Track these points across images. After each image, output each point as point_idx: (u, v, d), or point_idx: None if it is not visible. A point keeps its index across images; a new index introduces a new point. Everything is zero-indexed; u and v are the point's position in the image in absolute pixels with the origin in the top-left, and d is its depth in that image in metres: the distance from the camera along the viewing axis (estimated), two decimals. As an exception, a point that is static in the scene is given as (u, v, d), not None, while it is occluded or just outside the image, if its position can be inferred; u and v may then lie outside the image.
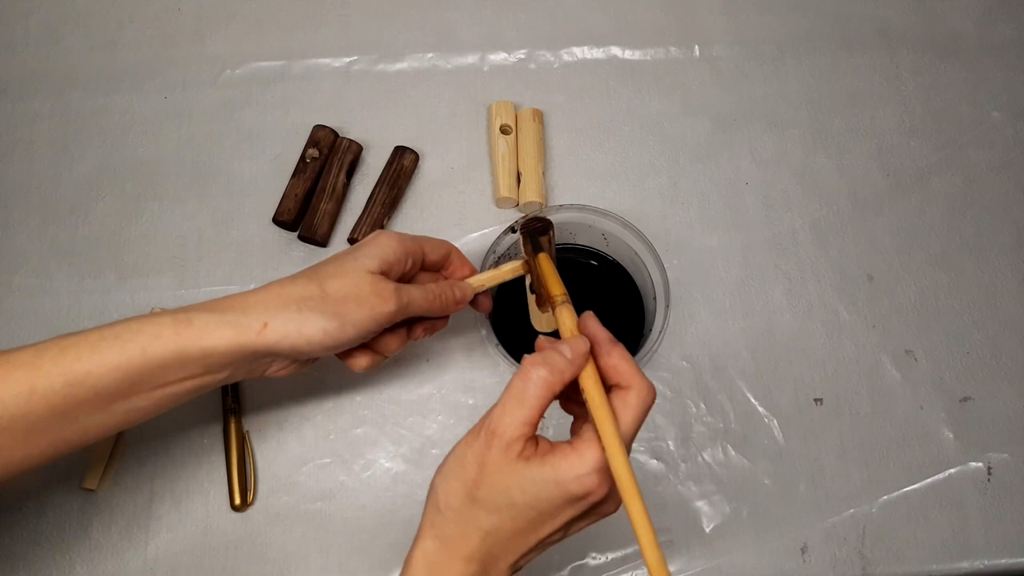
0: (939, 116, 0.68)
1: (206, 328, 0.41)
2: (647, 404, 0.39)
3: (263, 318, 0.42)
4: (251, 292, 0.43)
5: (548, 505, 0.37)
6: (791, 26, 0.71)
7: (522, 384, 0.38)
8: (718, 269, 0.62)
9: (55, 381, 0.38)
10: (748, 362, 0.59)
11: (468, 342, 0.59)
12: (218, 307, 0.42)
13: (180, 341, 0.41)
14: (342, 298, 0.43)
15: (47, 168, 0.63)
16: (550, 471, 0.37)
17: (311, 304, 0.43)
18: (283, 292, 0.43)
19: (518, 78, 0.68)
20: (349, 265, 0.45)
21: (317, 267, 0.45)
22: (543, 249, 0.49)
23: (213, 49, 0.68)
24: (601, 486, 0.37)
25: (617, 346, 0.40)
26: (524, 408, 0.37)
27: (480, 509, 0.38)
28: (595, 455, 0.37)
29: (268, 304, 0.42)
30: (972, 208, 0.65)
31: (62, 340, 0.40)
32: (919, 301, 0.61)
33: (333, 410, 0.57)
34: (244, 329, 0.41)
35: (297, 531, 0.54)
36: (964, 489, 0.56)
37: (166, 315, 0.41)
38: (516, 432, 0.37)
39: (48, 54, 0.67)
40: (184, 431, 0.56)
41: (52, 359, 0.39)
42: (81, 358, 0.39)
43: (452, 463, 0.39)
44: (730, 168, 0.65)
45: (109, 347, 0.39)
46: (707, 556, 0.54)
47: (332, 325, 0.43)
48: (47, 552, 0.52)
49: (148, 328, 0.40)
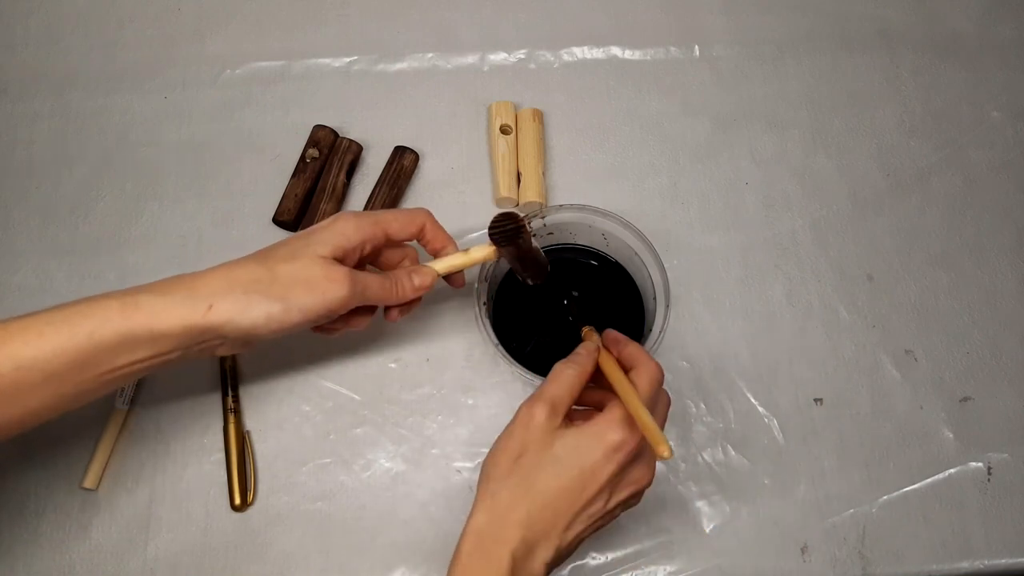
0: (939, 116, 0.68)
1: (153, 311, 0.41)
2: (654, 375, 0.44)
3: (208, 300, 0.42)
4: (200, 273, 0.43)
5: (589, 459, 0.41)
6: (791, 26, 0.71)
7: (558, 375, 0.44)
8: (718, 269, 0.62)
9: (3, 365, 0.38)
10: (748, 362, 0.59)
11: (468, 342, 0.59)
12: (166, 288, 0.42)
13: (128, 324, 0.41)
14: (290, 282, 0.44)
15: (47, 168, 0.63)
16: (587, 428, 0.42)
17: (258, 287, 0.43)
18: (231, 275, 0.43)
19: (518, 78, 0.68)
20: (301, 250, 0.45)
21: (269, 250, 0.45)
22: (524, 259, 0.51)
23: (213, 49, 0.68)
24: (632, 436, 0.41)
25: (631, 342, 0.47)
26: (560, 389, 0.43)
27: (527, 471, 0.41)
28: (618, 410, 0.42)
29: (215, 286, 0.43)
30: (972, 208, 0.65)
31: (9, 324, 0.39)
32: (919, 301, 0.61)
33: (333, 410, 0.57)
34: (190, 311, 0.42)
35: (297, 531, 0.54)
36: (964, 489, 0.56)
37: (113, 298, 0.41)
38: (555, 407, 0.42)
39: (48, 54, 0.67)
40: (184, 431, 0.56)
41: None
42: (28, 343, 0.39)
43: (498, 445, 0.43)
44: (730, 168, 0.65)
45: (56, 332, 0.39)
46: (707, 556, 0.54)
47: (276, 309, 0.43)
48: (47, 552, 0.52)
49: (96, 312, 0.40)
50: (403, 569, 0.53)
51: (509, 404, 0.57)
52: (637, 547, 0.54)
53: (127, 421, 0.56)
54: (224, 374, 0.56)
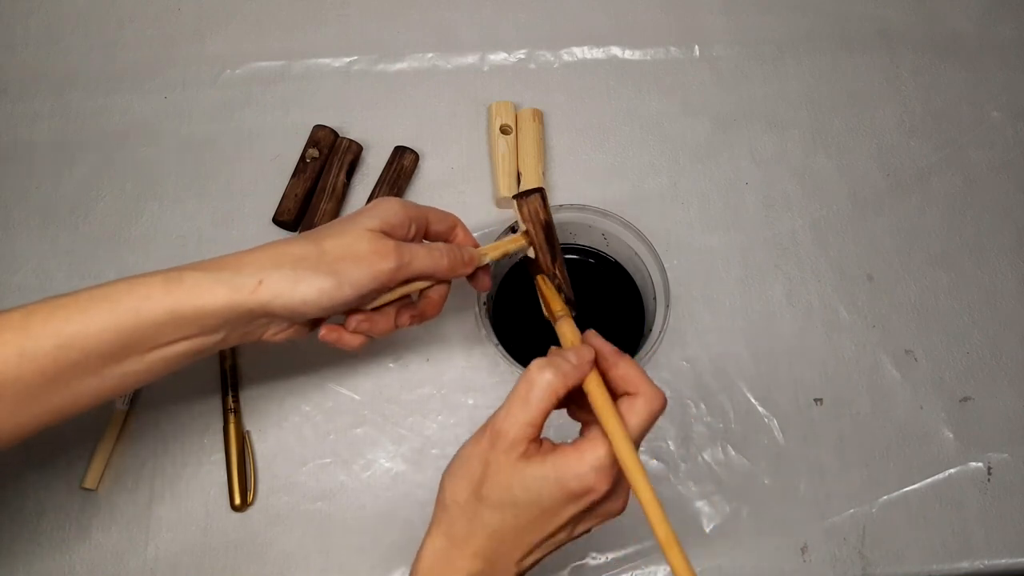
0: (939, 116, 0.68)
1: (198, 286, 0.40)
2: (655, 410, 0.39)
3: (257, 276, 0.41)
4: (247, 251, 0.42)
5: (549, 502, 0.38)
6: (791, 26, 0.71)
7: (527, 386, 0.38)
8: (718, 269, 0.62)
9: (44, 343, 0.37)
10: (748, 362, 0.59)
11: (468, 342, 0.59)
12: (212, 266, 0.41)
13: (172, 300, 0.40)
14: (340, 256, 0.42)
15: (47, 168, 0.63)
16: (551, 469, 0.37)
17: (307, 263, 0.41)
18: (279, 251, 0.42)
19: (518, 78, 0.68)
20: (349, 225, 0.44)
21: (318, 229, 0.45)
22: (540, 270, 0.49)
23: (213, 49, 0.68)
24: (600, 483, 0.37)
25: (623, 357, 0.40)
26: (528, 410, 0.38)
27: (485, 507, 0.38)
28: (595, 454, 0.37)
29: (263, 262, 0.41)
30: (972, 208, 0.65)
31: (52, 301, 0.39)
32: (919, 301, 0.61)
33: (333, 410, 0.57)
34: (238, 287, 0.40)
35: (297, 531, 0.54)
36: (964, 489, 0.56)
37: (157, 275, 0.40)
38: (520, 433, 0.37)
39: (48, 54, 0.67)
40: (184, 431, 0.56)
41: (41, 321, 0.38)
42: (71, 320, 0.38)
43: (458, 463, 0.40)
44: (730, 168, 0.65)
45: (99, 308, 0.39)
46: (707, 556, 0.54)
47: (328, 284, 0.41)
48: (47, 552, 0.52)
49: (139, 288, 0.40)
50: (403, 569, 0.53)
51: (509, 404, 0.57)
52: (637, 547, 0.54)
53: (127, 421, 0.56)
54: (224, 374, 0.56)
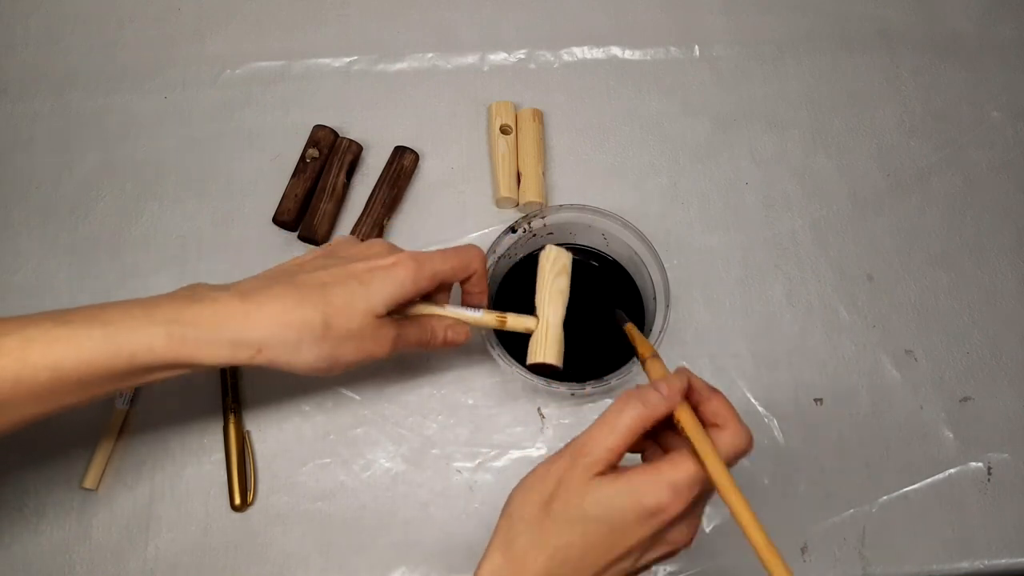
0: (939, 116, 0.68)
1: (199, 348, 0.41)
2: (740, 445, 0.39)
3: (258, 344, 0.42)
4: (251, 302, 0.43)
5: (620, 520, 0.37)
6: (791, 26, 0.71)
7: (616, 414, 0.38)
8: (718, 269, 0.62)
9: (41, 374, 0.39)
10: (748, 362, 0.59)
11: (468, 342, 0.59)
12: (215, 323, 0.42)
13: (172, 356, 0.41)
14: (342, 338, 0.44)
15: (47, 168, 0.63)
16: (625, 484, 0.37)
17: (311, 337, 0.43)
18: (285, 317, 0.43)
19: (518, 78, 0.68)
20: (360, 305, 0.44)
21: (328, 288, 0.44)
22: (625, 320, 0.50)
23: (213, 49, 0.68)
24: (675, 503, 0.37)
25: (717, 393, 0.40)
26: (614, 435, 0.38)
27: (552, 522, 0.38)
28: (674, 473, 0.37)
29: (265, 330, 0.42)
30: (972, 208, 0.65)
31: (51, 329, 0.39)
32: (919, 301, 0.61)
33: (333, 410, 0.57)
34: (238, 351, 0.42)
35: (297, 531, 0.54)
36: (964, 489, 0.56)
37: (159, 324, 0.41)
38: (601, 455, 0.38)
39: (48, 54, 0.67)
40: (184, 431, 0.56)
41: (40, 353, 0.39)
42: (68, 355, 0.39)
43: (533, 478, 0.40)
44: (730, 168, 0.65)
45: (98, 348, 0.40)
46: (707, 556, 0.54)
47: (324, 363, 0.44)
48: (47, 552, 0.52)
49: (142, 339, 0.40)
50: (403, 569, 0.53)
51: (509, 404, 0.57)
52: (637, 547, 0.54)
53: (127, 421, 0.56)
54: (224, 374, 0.56)
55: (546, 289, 0.52)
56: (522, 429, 0.57)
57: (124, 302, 0.42)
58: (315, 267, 0.46)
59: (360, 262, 0.46)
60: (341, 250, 0.48)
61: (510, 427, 0.57)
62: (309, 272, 0.45)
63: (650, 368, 0.44)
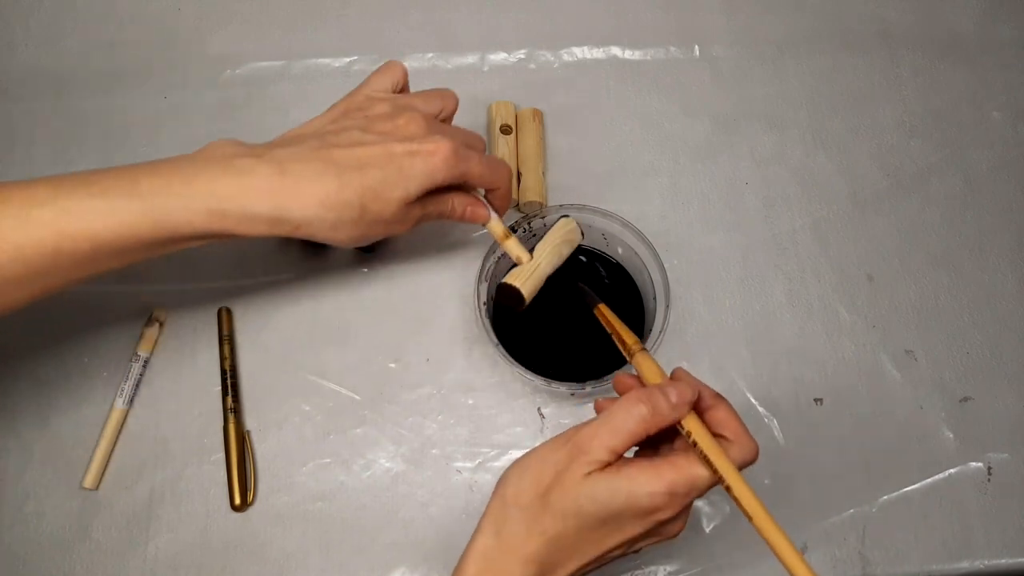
0: (939, 116, 0.68)
1: (238, 223, 0.42)
2: (747, 459, 0.39)
3: (298, 222, 0.43)
4: (289, 177, 0.43)
5: (615, 516, 0.38)
6: (791, 26, 0.71)
7: (622, 416, 0.38)
8: (718, 269, 0.62)
9: (81, 245, 0.40)
10: (748, 362, 0.59)
11: (468, 342, 0.59)
12: (254, 198, 0.42)
13: (211, 229, 0.42)
14: (375, 221, 0.45)
15: (47, 168, 0.62)
16: (623, 482, 0.37)
17: (348, 219, 0.44)
18: (325, 199, 0.43)
19: (518, 78, 0.68)
20: (396, 194, 0.45)
21: (366, 171, 0.44)
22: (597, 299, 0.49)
23: (213, 49, 0.68)
24: (670, 506, 0.37)
25: (722, 400, 0.41)
26: (616, 438, 0.38)
27: (548, 514, 0.38)
28: (672, 476, 0.37)
29: (307, 207, 0.43)
30: (972, 208, 0.65)
31: (86, 202, 0.40)
32: (919, 301, 0.61)
33: (333, 410, 0.57)
34: (277, 227, 0.43)
35: (297, 531, 0.54)
36: (964, 489, 0.56)
37: (199, 201, 0.41)
38: (601, 456, 0.38)
39: (48, 54, 0.67)
40: (184, 431, 0.56)
41: (78, 225, 0.40)
42: (107, 228, 0.40)
43: (530, 462, 0.40)
44: (730, 168, 0.65)
45: (137, 222, 0.41)
46: (707, 556, 0.54)
47: (354, 241, 0.46)
48: (47, 552, 0.52)
49: (181, 214, 0.41)
50: (403, 569, 0.53)
51: (509, 404, 0.57)
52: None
53: (127, 421, 0.56)
54: (224, 374, 0.56)
55: (549, 244, 0.53)
56: (522, 429, 0.57)
57: (157, 167, 0.42)
58: (351, 139, 0.45)
59: (399, 143, 0.45)
60: (378, 120, 0.47)
61: (510, 427, 0.57)
62: (345, 147, 0.45)
63: (641, 364, 0.43)
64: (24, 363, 0.57)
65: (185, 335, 0.58)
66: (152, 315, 0.58)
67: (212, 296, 0.59)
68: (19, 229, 0.39)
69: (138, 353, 0.56)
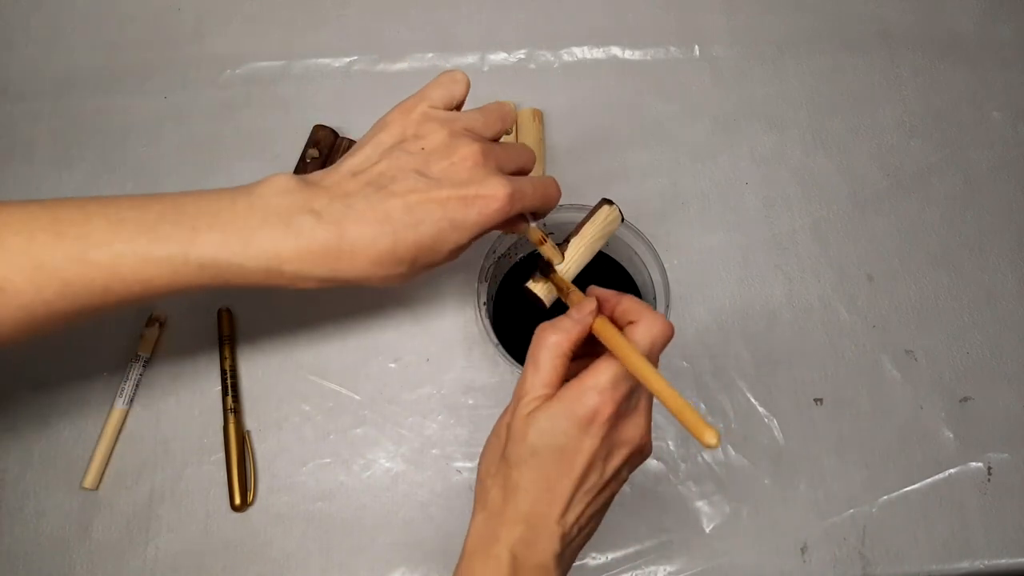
0: (939, 116, 0.68)
1: (291, 281, 0.42)
2: (656, 334, 0.40)
3: (350, 279, 0.42)
4: (347, 239, 0.41)
5: (564, 438, 0.39)
6: (791, 26, 0.71)
7: (535, 350, 0.40)
8: (718, 269, 0.62)
9: (133, 288, 0.40)
10: (748, 362, 0.59)
11: (468, 342, 0.59)
12: (311, 261, 0.41)
13: (264, 283, 0.41)
14: (422, 268, 0.44)
15: (47, 168, 0.63)
16: (557, 404, 0.39)
17: (396, 272, 0.43)
18: (378, 258, 0.42)
19: (518, 78, 0.68)
20: (448, 247, 0.43)
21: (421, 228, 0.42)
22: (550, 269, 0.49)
23: (213, 49, 0.68)
24: (605, 403, 0.38)
25: (625, 296, 0.43)
26: (540, 372, 0.40)
27: (511, 467, 0.40)
28: (596, 377, 0.39)
29: (359, 268, 0.42)
30: (972, 208, 0.65)
31: (142, 250, 0.39)
32: (919, 301, 0.61)
33: (333, 410, 0.57)
34: (326, 284, 0.42)
35: (297, 531, 0.54)
36: (964, 489, 0.56)
37: (254, 261, 0.40)
38: (536, 393, 0.40)
39: (48, 54, 0.67)
40: (184, 431, 0.56)
41: (131, 270, 0.39)
42: (160, 277, 0.40)
43: (489, 439, 0.42)
44: (730, 168, 0.65)
45: (192, 275, 0.40)
46: (707, 556, 0.54)
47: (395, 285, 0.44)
48: (47, 552, 0.52)
49: (235, 272, 0.41)
50: (403, 569, 0.53)
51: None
52: (637, 547, 0.54)
53: (127, 421, 0.56)
54: (224, 374, 0.56)
55: (587, 239, 0.50)
56: (522, 429, 0.57)
57: (217, 215, 0.41)
58: (407, 187, 0.43)
59: (454, 188, 0.43)
60: (435, 158, 0.44)
61: (510, 427, 0.57)
62: (401, 195, 0.42)
63: (571, 301, 0.45)
64: (24, 363, 0.57)
65: (185, 335, 0.58)
66: (152, 316, 0.58)
67: (212, 296, 0.59)
68: (71, 269, 0.39)
69: (138, 354, 0.56)
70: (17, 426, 0.55)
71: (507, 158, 0.46)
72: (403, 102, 0.47)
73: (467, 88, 0.47)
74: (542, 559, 0.39)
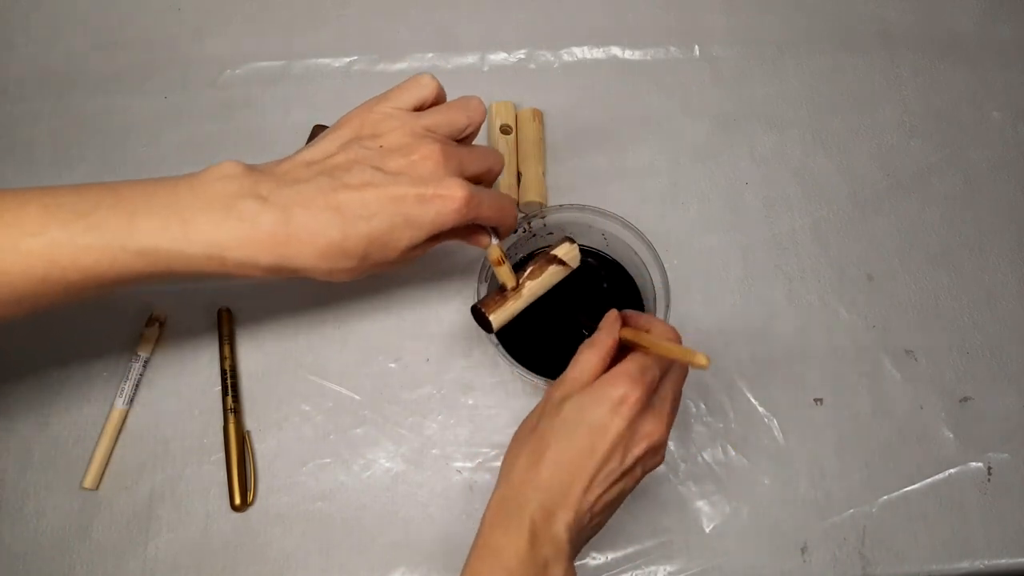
0: (939, 116, 0.68)
1: (236, 268, 0.42)
2: (668, 332, 0.45)
3: (297, 269, 0.42)
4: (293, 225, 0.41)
5: (594, 416, 0.42)
6: (791, 26, 0.71)
7: (577, 357, 0.45)
8: (718, 269, 0.62)
9: (71, 275, 0.39)
10: (748, 362, 0.59)
11: (468, 342, 0.59)
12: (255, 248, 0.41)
13: (207, 270, 0.41)
14: (374, 265, 0.44)
15: (47, 168, 0.63)
16: (592, 388, 0.43)
17: (346, 266, 0.43)
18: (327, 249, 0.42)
19: (518, 78, 0.68)
20: (402, 244, 0.43)
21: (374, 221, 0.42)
22: None
23: (213, 49, 0.68)
24: (635, 388, 0.42)
25: (638, 313, 0.48)
26: (581, 370, 0.44)
27: (542, 438, 0.43)
28: (628, 366, 0.43)
29: (307, 257, 0.42)
30: (972, 208, 0.65)
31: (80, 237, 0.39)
32: (919, 301, 0.61)
33: (333, 410, 0.57)
34: (274, 273, 0.42)
35: (297, 531, 0.54)
36: (964, 489, 0.56)
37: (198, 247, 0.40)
38: (574, 385, 0.44)
39: (48, 54, 0.67)
40: (184, 431, 0.56)
41: (70, 258, 0.39)
42: (100, 263, 0.39)
43: (521, 425, 0.46)
44: (730, 168, 0.65)
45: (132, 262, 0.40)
46: (707, 556, 0.54)
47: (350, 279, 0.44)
48: (47, 552, 0.52)
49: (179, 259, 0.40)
50: (403, 569, 0.53)
51: (509, 404, 0.57)
52: (637, 547, 0.54)
53: (127, 421, 0.56)
54: (224, 374, 0.56)
55: (543, 274, 0.50)
56: (522, 429, 0.57)
57: (154, 200, 0.41)
58: (362, 179, 0.42)
59: (411, 186, 0.42)
60: (392, 155, 0.43)
61: (510, 427, 0.56)
62: (355, 188, 0.42)
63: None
64: (24, 363, 0.57)
65: (185, 335, 0.58)
66: (152, 315, 0.58)
67: (212, 296, 0.59)
68: (7, 257, 0.38)
69: (138, 353, 0.56)
70: (17, 426, 0.55)
71: (471, 159, 0.46)
72: (367, 101, 0.47)
73: (435, 92, 0.47)
74: (557, 530, 0.41)
